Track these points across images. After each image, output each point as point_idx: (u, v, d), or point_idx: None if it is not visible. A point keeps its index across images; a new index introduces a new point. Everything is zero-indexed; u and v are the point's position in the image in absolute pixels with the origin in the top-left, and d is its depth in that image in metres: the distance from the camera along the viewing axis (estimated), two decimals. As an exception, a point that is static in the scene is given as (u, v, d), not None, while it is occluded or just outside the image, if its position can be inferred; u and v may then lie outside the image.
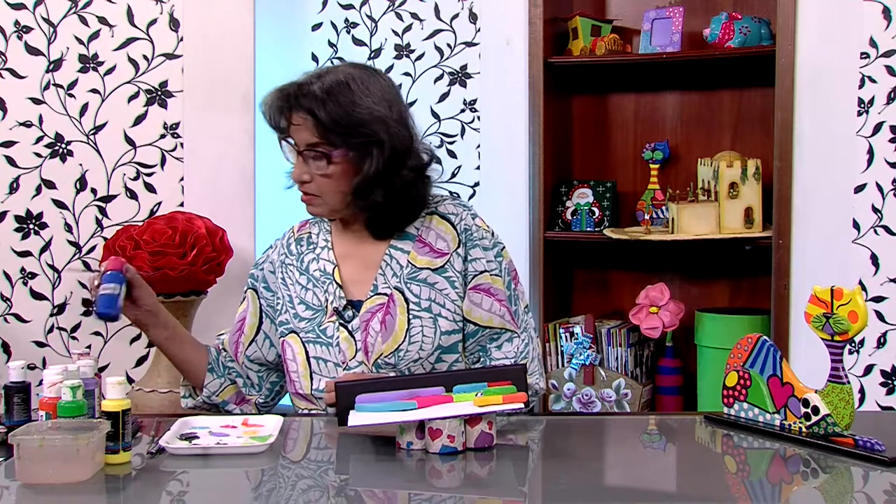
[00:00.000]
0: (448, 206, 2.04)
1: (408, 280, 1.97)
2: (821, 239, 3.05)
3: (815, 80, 3.04)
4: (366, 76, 1.95)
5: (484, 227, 2.03)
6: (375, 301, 1.97)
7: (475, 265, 1.99)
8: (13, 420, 1.77)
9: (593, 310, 3.48)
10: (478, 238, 2.00)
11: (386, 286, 1.97)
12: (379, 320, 1.96)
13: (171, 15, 3.15)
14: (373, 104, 1.90)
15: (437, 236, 2.00)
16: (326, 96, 1.89)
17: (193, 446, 1.67)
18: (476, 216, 2.04)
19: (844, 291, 1.63)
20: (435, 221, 2.01)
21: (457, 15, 3.51)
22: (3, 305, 3.14)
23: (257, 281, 2.11)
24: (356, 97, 1.90)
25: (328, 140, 1.90)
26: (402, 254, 1.99)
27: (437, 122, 3.53)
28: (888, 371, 2.95)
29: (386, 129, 1.91)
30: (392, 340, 1.94)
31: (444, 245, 1.99)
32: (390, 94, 1.96)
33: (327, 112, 1.88)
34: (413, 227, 2.01)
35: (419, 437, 1.64)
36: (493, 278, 1.99)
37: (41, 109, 3.12)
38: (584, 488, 1.53)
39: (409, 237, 2.01)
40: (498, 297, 1.99)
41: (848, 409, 1.63)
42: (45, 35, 3.12)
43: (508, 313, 2.00)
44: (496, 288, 1.99)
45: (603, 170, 3.56)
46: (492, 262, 2.00)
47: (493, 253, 2.01)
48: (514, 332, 2.01)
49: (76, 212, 3.16)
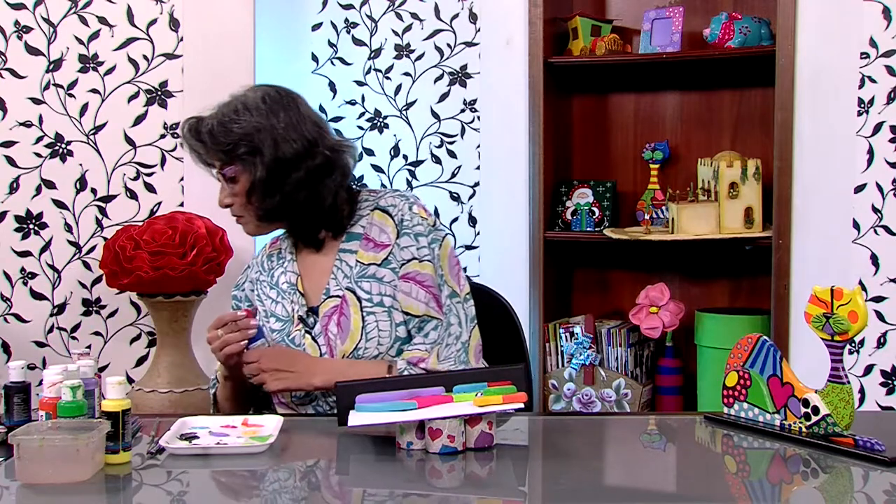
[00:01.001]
0: (388, 199, 2.06)
1: (358, 279, 2.01)
2: (821, 239, 3.05)
3: (815, 80, 3.04)
4: (256, 95, 2.01)
5: (422, 215, 2.03)
6: (329, 304, 2.02)
7: (403, 254, 2.00)
8: (13, 420, 1.77)
9: (593, 310, 3.48)
10: (410, 226, 2.01)
11: (338, 288, 2.02)
12: (335, 322, 2.00)
13: (171, 15, 3.15)
14: (253, 118, 1.97)
15: (379, 230, 2.03)
16: (210, 119, 1.99)
17: (193, 446, 1.67)
18: (415, 205, 2.05)
19: (844, 291, 1.63)
20: (377, 216, 2.04)
21: (457, 15, 3.51)
22: (3, 305, 3.14)
23: (241, 302, 2.17)
24: (237, 114, 1.98)
25: (218, 159, 1.99)
26: (351, 255, 2.03)
27: (437, 122, 3.53)
28: (888, 371, 2.95)
29: (268, 137, 1.96)
30: (350, 340, 1.99)
31: (385, 238, 2.02)
32: (276, 105, 2.00)
33: (213, 135, 1.97)
34: (359, 226, 2.04)
35: (419, 437, 1.64)
36: (421, 264, 2.00)
37: (41, 109, 3.12)
38: (584, 488, 1.53)
39: (356, 237, 2.04)
40: (424, 284, 2.00)
41: (848, 409, 1.63)
42: (45, 35, 3.12)
43: (434, 300, 2.00)
44: (423, 274, 2.00)
45: (603, 170, 3.55)
46: (422, 249, 2.00)
47: (426, 239, 2.01)
48: (439, 320, 2.00)
49: (76, 212, 3.16)
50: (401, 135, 3.55)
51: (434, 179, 3.55)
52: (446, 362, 1.97)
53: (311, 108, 2.05)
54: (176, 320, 2.95)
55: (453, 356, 1.99)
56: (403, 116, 3.54)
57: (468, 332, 2.03)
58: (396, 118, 3.55)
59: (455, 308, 2.02)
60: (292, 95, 2.04)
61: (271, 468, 1.62)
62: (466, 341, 2.02)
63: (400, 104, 3.54)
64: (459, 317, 2.02)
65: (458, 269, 2.06)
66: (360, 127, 3.57)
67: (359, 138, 3.58)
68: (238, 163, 1.97)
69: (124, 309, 3.19)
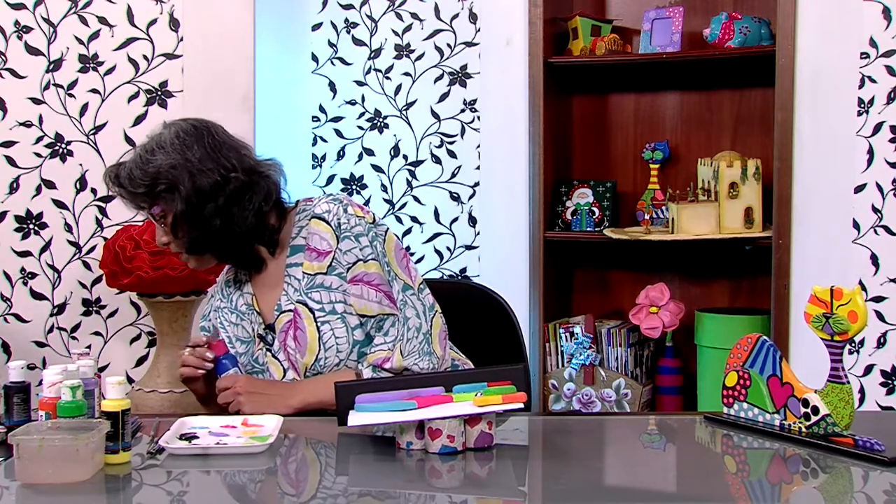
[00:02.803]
0: (321, 205, 2.04)
1: (307, 290, 2.01)
2: (821, 239, 3.05)
3: (815, 80, 3.04)
4: (170, 132, 2.01)
5: (358, 215, 2.02)
6: (283, 319, 2.02)
7: (347, 257, 1.99)
8: (13, 420, 1.77)
9: (593, 310, 3.48)
10: (348, 228, 2.00)
11: (289, 303, 2.02)
12: (292, 337, 2.00)
13: (171, 15, 3.15)
14: (168, 155, 1.97)
15: (319, 238, 2.01)
16: (132, 166, 2.00)
17: (193, 446, 1.67)
18: (349, 206, 2.03)
19: (844, 291, 1.63)
20: (314, 224, 2.03)
21: (457, 15, 3.51)
22: (3, 305, 3.14)
23: (208, 332, 2.16)
24: (152, 155, 1.98)
25: (145, 201, 2.00)
26: (297, 268, 2.03)
27: (437, 122, 3.53)
28: (888, 371, 2.95)
29: (184, 172, 1.96)
30: (309, 352, 1.99)
31: (325, 245, 2.00)
32: (189, 139, 2.00)
33: (132, 179, 1.99)
34: (301, 238, 2.04)
35: (419, 437, 1.64)
36: (367, 264, 1.99)
37: (41, 109, 3.12)
38: (584, 488, 1.53)
39: (299, 249, 2.04)
40: (373, 283, 1.99)
41: (848, 409, 1.63)
42: (45, 35, 3.12)
43: (386, 297, 1.99)
44: (371, 273, 1.99)
45: (603, 170, 3.55)
46: (366, 249, 1.99)
47: (367, 239, 2.00)
48: (395, 316, 2.00)
49: (76, 212, 3.16)
50: (401, 135, 3.55)
51: (434, 179, 3.55)
52: (411, 356, 1.97)
53: (229, 135, 2.06)
54: (176, 320, 2.96)
55: (416, 349, 1.98)
56: (403, 116, 3.54)
57: (428, 322, 2.02)
58: (396, 118, 3.55)
59: (410, 300, 2.01)
60: (208, 126, 2.04)
61: (271, 468, 1.62)
62: (428, 331, 2.01)
63: (400, 104, 3.54)
64: (416, 308, 2.01)
65: (407, 261, 2.05)
66: (360, 127, 3.57)
67: (359, 138, 3.58)
68: (160, 201, 1.98)
69: (124, 309, 3.19)
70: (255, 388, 1.97)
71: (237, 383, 1.96)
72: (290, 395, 1.96)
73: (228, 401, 1.96)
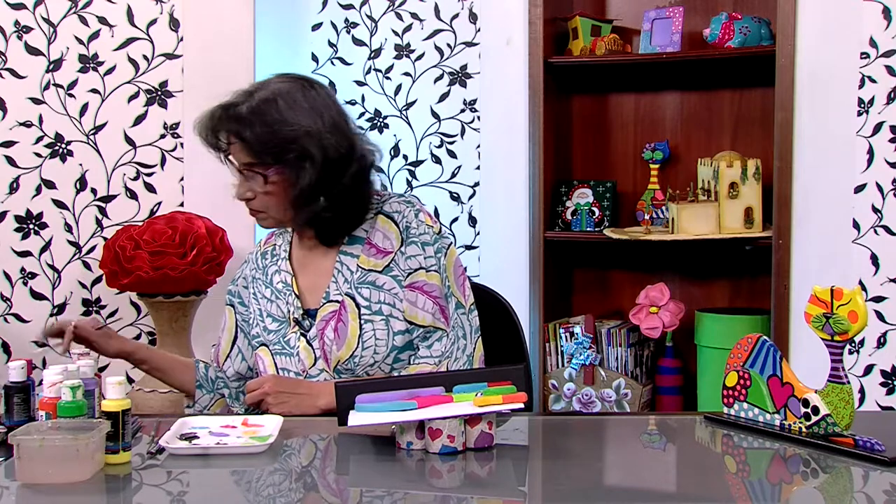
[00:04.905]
0: (393, 205, 2.02)
1: (358, 285, 1.97)
2: (821, 239, 3.05)
3: (815, 80, 3.04)
4: (294, 89, 1.93)
5: (428, 223, 2.00)
6: (328, 309, 1.98)
7: (410, 262, 1.97)
8: (13, 420, 1.77)
9: (593, 310, 3.48)
10: (416, 234, 1.98)
11: (338, 293, 1.98)
12: (332, 328, 1.97)
13: (171, 15, 3.15)
14: (300, 119, 1.89)
15: (383, 236, 1.99)
16: (253, 117, 1.89)
17: (193, 446, 1.67)
18: (420, 212, 2.01)
19: (844, 291, 1.63)
20: (380, 221, 2.00)
21: (457, 15, 3.51)
22: (3, 305, 3.14)
23: (234, 297, 2.13)
24: (283, 114, 1.89)
25: (261, 160, 1.90)
26: (352, 258, 1.99)
27: (437, 122, 3.53)
28: (888, 371, 2.95)
29: (317, 142, 1.90)
30: (346, 347, 1.95)
31: (388, 244, 1.98)
32: (320, 104, 1.93)
33: (254, 134, 1.88)
34: (362, 230, 2.00)
35: (419, 437, 1.64)
36: (429, 274, 1.97)
37: (41, 109, 3.12)
38: (584, 488, 1.53)
39: (358, 241, 2.00)
40: (432, 294, 1.97)
41: (848, 409, 1.63)
42: (45, 35, 3.12)
43: (440, 311, 1.97)
44: (430, 284, 1.97)
45: (603, 170, 3.55)
46: (430, 259, 1.97)
47: (432, 249, 1.98)
48: (444, 331, 1.98)
49: (76, 212, 3.16)
50: (401, 135, 3.55)
51: (434, 179, 3.55)
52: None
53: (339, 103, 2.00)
54: (176, 320, 2.95)
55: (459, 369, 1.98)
56: (403, 116, 3.54)
57: (473, 345, 2.01)
58: (396, 118, 3.55)
59: (461, 320, 2.00)
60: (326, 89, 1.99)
61: (271, 468, 1.62)
62: (471, 353, 2.00)
63: (400, 104, 3.54)
64: (465, 329, 2.00)
65: (464, 279, 2.04)
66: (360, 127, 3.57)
67: (359, 138, 3.57)
68: (283, 166, 1.89)
69: (124, 309, 3.19)
70: (283, 388, 1.93)
71: (265, 383, 1.93)
72: (318, 396, 1.93)
73: (257, 401, 1.93)
